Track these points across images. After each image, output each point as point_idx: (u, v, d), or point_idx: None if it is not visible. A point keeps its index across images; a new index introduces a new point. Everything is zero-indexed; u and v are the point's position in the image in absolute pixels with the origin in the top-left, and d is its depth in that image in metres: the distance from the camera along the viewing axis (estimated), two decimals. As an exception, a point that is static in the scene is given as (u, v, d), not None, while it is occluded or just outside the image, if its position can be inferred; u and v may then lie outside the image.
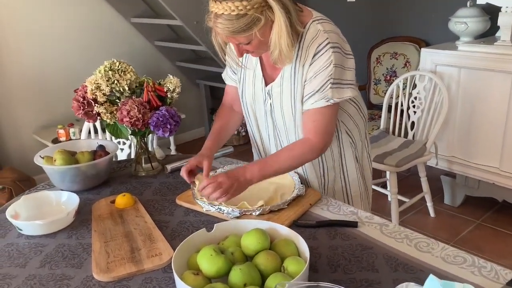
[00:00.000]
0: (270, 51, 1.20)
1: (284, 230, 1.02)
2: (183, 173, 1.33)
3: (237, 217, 1.21)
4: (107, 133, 2.33)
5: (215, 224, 1.04)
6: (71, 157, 1.41)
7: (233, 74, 1.49)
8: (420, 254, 1.04)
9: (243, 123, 4.79)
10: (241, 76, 1.43)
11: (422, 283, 0.83)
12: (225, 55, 1.34)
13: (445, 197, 2.98)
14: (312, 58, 1.23)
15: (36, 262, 1.07)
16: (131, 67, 1.46)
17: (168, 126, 1.42)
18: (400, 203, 2.66)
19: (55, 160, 1.38)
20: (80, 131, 3.09)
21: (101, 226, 1.21)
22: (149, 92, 1.44)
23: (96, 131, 2.28)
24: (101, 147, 1.53)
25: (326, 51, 1.21)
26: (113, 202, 1.34)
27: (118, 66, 1.42)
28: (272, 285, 0.85)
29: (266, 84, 1.36)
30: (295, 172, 1.41)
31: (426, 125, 2.70)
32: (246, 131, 4.23)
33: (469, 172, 2.72)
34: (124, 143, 2.44)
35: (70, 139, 3.05)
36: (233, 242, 1.00)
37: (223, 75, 1.54)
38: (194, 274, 0.89)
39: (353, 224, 1.17)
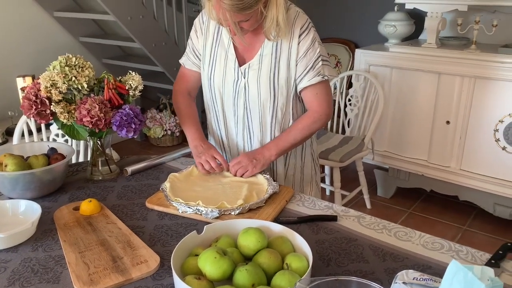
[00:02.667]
0: (265, 26, 1.28)
1: (276, 228, 1.01)
2: (213, 167, 1.39)
3: (216, 218, 1.18)
4: (45, 134, 2.14)
5: (205, 226, 1.00)
6: (24, 161, 1.27)
7: (195, 59, 1.50)
8: (401, 243, 1.10)
9: (177, 123, 4.64)
10: (211, 58, 1.44)
11: (411, 270, 0.88)
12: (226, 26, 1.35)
13: (378, 190, 3.17)
14: (299, 37, 1.34)
15: (2, 280, 0.95)
16: (88, 62, 1.35)
17: (133, 126, 1.34)
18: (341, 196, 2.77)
19: (5, 166, 1.23)
20: (2, 134, 2.81)
21: (70, 235, 1.11)
22: (110, 90, 1.35)
23: (30, 132, 2.08)
24: (54, 149, 1.40)
25: (309, 30, 1.34)
26: (76, 209, 1.24)
27: (75, 62, 1.31)
28: (281, 283, 0.84)
29: (240, 64, 1.40)
30: (264, 171, 1.41)
31: (363, 122, 2.85)
32: (180, 131, 4.14)
33: (401, 165, 2.92)
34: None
35: (-10, 143, 2.75)
36: (227, 242, 0.97)
37: (182, 60, 1.55)
38: (197, 278, 0.85)
39: (333, 218, 1.20)
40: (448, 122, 2.67)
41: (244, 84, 1.41)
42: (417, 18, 3.04)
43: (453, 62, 2.56)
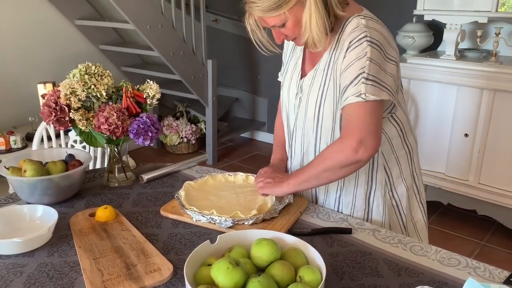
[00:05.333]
0: (301, 33, 1.15)
1: (290, 239, 1.01)
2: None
3: (230, 227, 1.18)
4: (63, 140, 2.18)
5: (218, 236, 1.00)
6: (43, 167, 1.30)
7: (283, 69, 1.44)
8: (417, 257, 1.08)
9: (194, 131, 4.63)
10: (285, 69, 1.39)
11: (426, 286, 0.86)
12: (257, 41, 1.25)
13: (394, 202, 3.13)
14: (346, 50, 1.15)
15: (18, 284, 0.96)
16: (107, 71, 1.37)
17: (150, 134, 1.35)
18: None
19: (24, 171, 1.26)
20: (22, 139, 2.87)
21: (85, 241, 1.12)
22: (128, 98, 1.37)
23: (49, 138, 2.12)
24: (71, 156, 1.42)
25: (360, 44, 1.12)
26: (91, 215, 1.25)
27: (94, 70, 1.33)
28: (293, 296, 0.83)
29: (302, 77, 1.30)
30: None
31: (379, 133, 2.83)
32: (196, 139, 4.17)
33: (418, 177, 2.88)
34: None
35: (11, 148, 2.81)
36: (240, 253, 0.97)
37: (279, 74, 1.47)
38: (209, 288, 0.85)
39: (348, 231, 1.19)
40: (466, 135, 2.63)
41: (299, 99, 1.30)
42: (435, 29, 3.01)
43: (473, 74, 2.53)
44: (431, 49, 3.08)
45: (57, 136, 2.23)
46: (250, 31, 1.21)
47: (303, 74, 1.30)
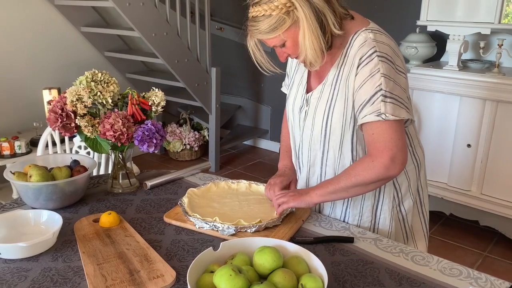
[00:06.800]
0: (299, 51, 1.16)
1: (292, 247, 1.01)
2: (270, 194, 1.34)
3: (233, 234, 1.19)
4: (68, 146, 2.19)
5: (221, 243, 1.01)
6: (48, 173, 1.31)
7: (288, 81, 1.46)
8: (418, 267, 1.08)
9: (197, 138, 4.61)
10: (291, 80, 1.40)
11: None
12: (258, 61, 1.27)
13: (396, 211, 3.13)
14: (357, 68, 1.15)
15: (22, 289, 0.98)
16: (113, 78, 1.39)
17: (154, 141, 1.37)
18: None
19: (30, 176, 1.27)
20: (27, 144, 2.89)
21: (89, 247, 1.13)
22: (133, 105, 1.39)
23: (54, 144, 2.13)
24: (76, 162, 1.43)
25: (372, 59, 1.13)
26: (96, 221, 1.26)
27: (100, 77, 1.35)
28: (295, 304, 0.84)
29: (308, 91, 1.31)
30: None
31: (382, 142, 2.83)
32: (199, 146, 4.19)
33: (420, 187, 2.88)
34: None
35: (15, 153, 2.82)
36: (242, 260, 0.97)
37: (283, 84, 1.50)
38: (211, 295, 0.86)
39: (350, 240, 1.19)
40: (469, 146, 2.63)
41: (305, 113, 1.31)
42: (439, 40, 3.03)
43: (475, 85, 2.54)
44: (434, 60, 3.09)
45: (62, 141, 2.25)
46: (251, 52, 1.22)
47: (309, 88, 1.31)
